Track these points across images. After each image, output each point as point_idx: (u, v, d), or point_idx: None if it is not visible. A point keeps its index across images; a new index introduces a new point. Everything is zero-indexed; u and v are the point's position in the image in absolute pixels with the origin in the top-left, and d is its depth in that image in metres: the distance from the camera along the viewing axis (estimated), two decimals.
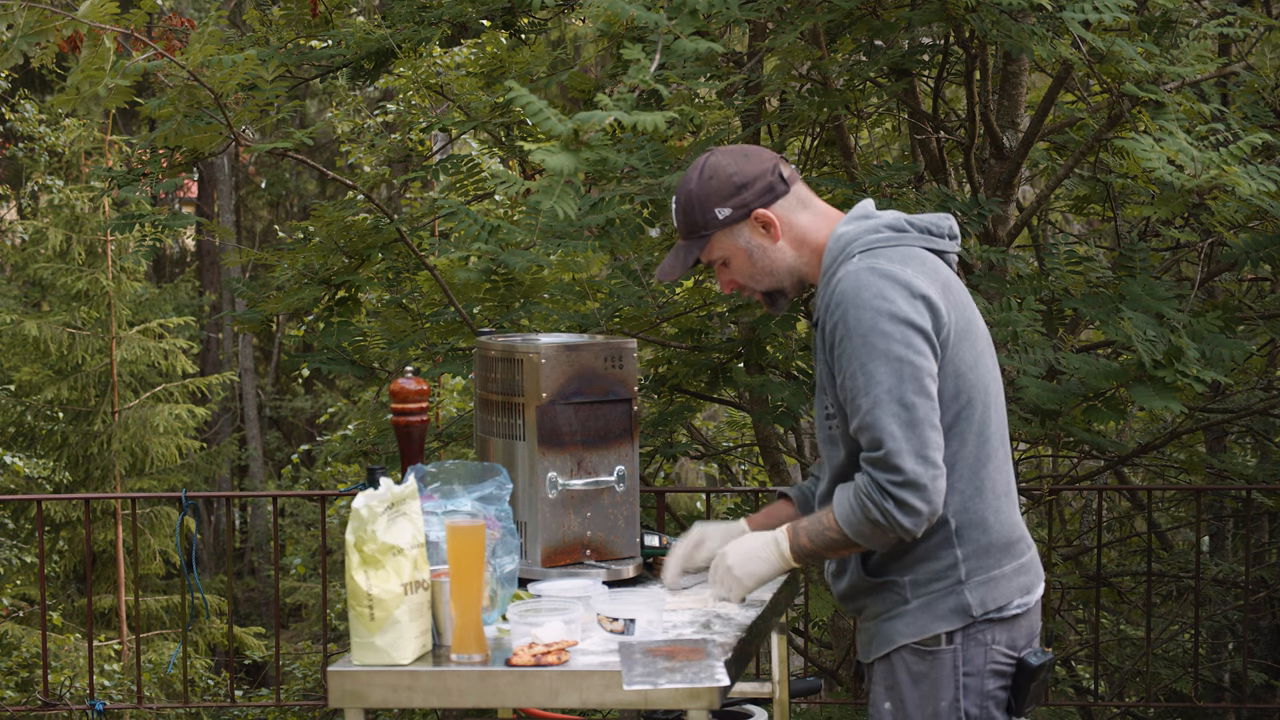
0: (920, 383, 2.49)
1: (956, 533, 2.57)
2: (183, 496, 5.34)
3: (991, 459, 2.61)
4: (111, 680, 11.39)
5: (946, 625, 2.57)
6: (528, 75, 5.67)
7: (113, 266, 13.54)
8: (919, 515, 2.49)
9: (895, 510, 2.48)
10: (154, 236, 4.95)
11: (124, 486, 13.49)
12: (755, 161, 2.66)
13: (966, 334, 2.59)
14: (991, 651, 2.58)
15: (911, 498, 2.47)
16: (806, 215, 2.68)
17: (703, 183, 2.65)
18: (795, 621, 6.54)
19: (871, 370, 2.49)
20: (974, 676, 2.58)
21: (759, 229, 2.65)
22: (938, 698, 2.57)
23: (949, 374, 2.55)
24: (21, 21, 3.86)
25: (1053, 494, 6.54)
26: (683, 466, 12.33)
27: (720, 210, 2.64)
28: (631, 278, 5.38)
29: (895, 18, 4.92)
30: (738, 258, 2.68)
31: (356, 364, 5.54)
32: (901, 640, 2.59)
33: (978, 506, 2.58)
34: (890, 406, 2.47)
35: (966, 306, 2.62)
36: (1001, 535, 2.61)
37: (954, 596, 2.57)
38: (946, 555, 2.57)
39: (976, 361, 2.59)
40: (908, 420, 2.47)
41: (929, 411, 2.49)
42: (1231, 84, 5.14)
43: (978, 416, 2.58)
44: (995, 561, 2.59)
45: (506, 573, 2.69)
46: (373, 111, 13.43)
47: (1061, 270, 4.91)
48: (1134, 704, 7.07)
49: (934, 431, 2.49)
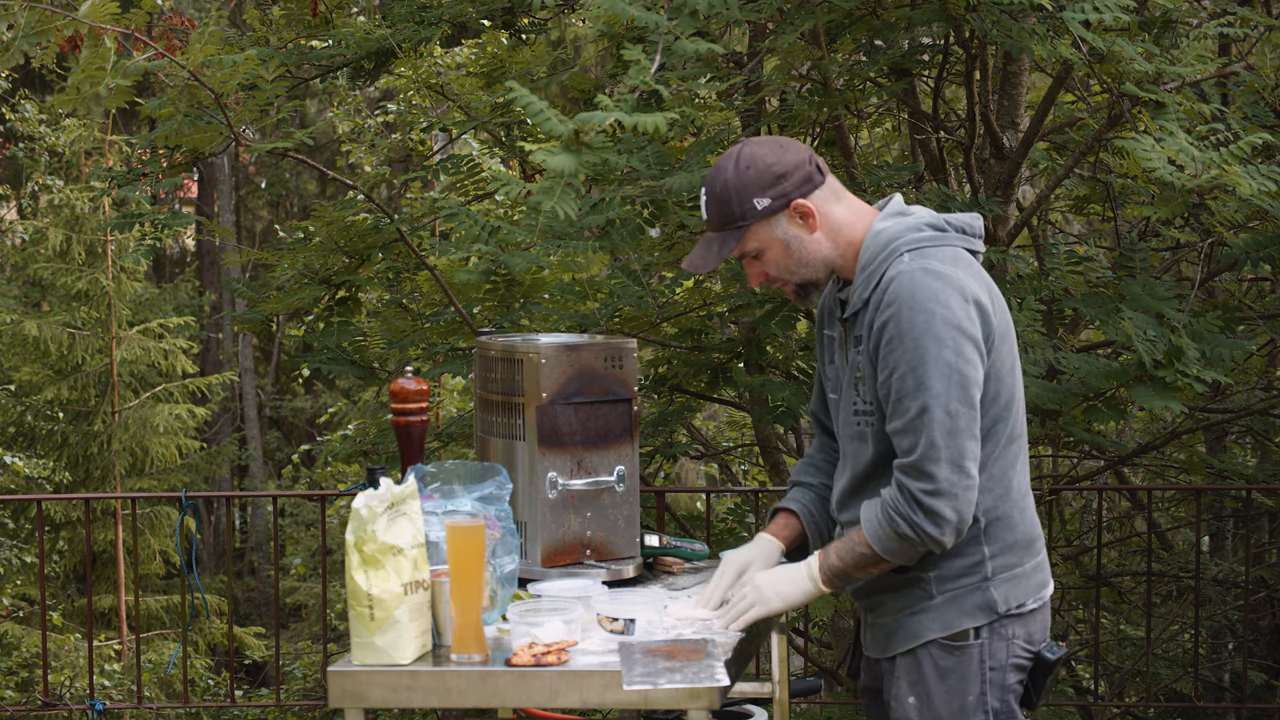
0: (967, 391, 2.49)
1: (985, 531, 2.59)
2: (183, 496, 5.34)
3: (1018, 459, 2.63)
4: (111, 680, 11.39)
5: (973, 621, 2.58)
6: (528, 75, 5.66)
7: (113, 266, 13.54)
8: (948, 525, 2.50)
9: (925, 521, 2.49)
10: (154, 236, 4.95)
11: (124, 486, 13.49)
12: (792, 152, 2.63)
13: (1006, 336, 2.61)
14: (1013, 646, 2.61)
15: (943, 506, 2.48)
16: (841, 207, 2.66)
17: (740, 172, 2.61)
18: (795, 621, 6.54)
19: (922, 375, 2.48)
20: (998, 671, 2.60)
21: (797, 220, 2.63)
22: (965, 692, 2.59)
23: (992, 376, 2.56)
24: (22, 21, 3.86)
25: (1053, 494, 6.54)
26: (683, 466, 12.32)
27: (759, 200, 2.61)
28: (631, 278, 5.37)
29: (895, 18, 4.92)
30: (774, 249, 2.65)
31: (356, 364, 5.54)
32: (929, 635, 2.60)
33: (1005, 506, 2.60)
34: (936, 413, 2.48)
35: (1005, 309, 2.63)
36: (1025, 533, 2.63)
37: (980, 593, 2.58)
38: (974, 552, 2.59)
39: (1013, 366, 2.62)
40: (950, 429, 2.48)
41: (970, 421, 2.50)
42: (1231, 84, 5.14)
43: (1011, 419, 2.60)
44: (1018, 559, 2.61)
45: (506, 573, 2.69)
46: (373, 111, 13.43)
47: (1061, 270, 4.91)
48: (1134, 704, 7.07)
49: (972, 441, 2.50)
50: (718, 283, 6.49)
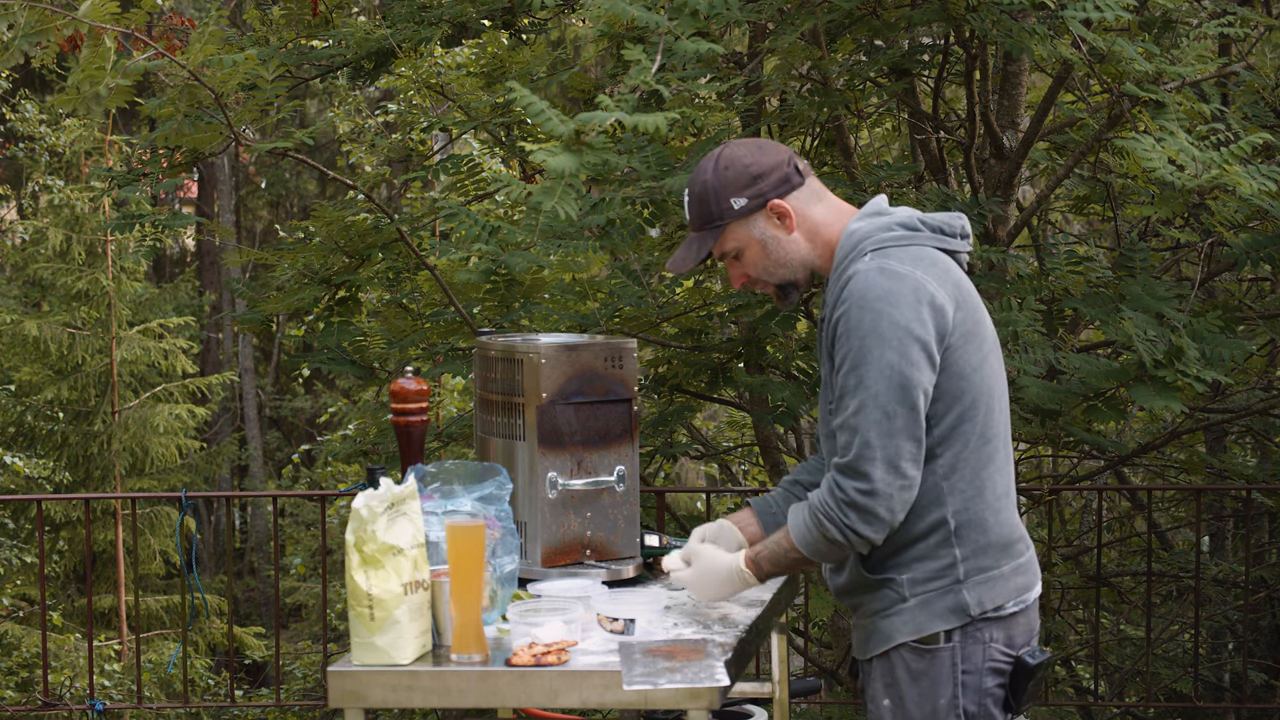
0: (908, 393, 2.49)
1: (956, 533, 2.57)
2: (183, 496, 5.34)
3: (993, 460, 2.61)
4: (111, 680, 11.39)
5: (944, 624, 2.57)
6: (528, 75, 5.67)
7: (113, 266, 13.54)
8: (881, 524, 2.52)
9: (858, 521, 2.51)
10: (154, 236, 4.96)
11: (124, 486, 13.49)
12: (771, 153, 2.66)
13: (974, 335, 2.59)
14: (990, 650, 2.59)
15: (876, 505, 2.50)
16: (820, 208, 2.68)
17: (718, 173, 2.65)
18: (795, 621, 6.54)
19: (862, 374, 2.49)
20: (972, 674, 2.58)
21: (774, 220, 2.65)
22: (936, 695, 2.58)
23: (953, 375, 2.55)
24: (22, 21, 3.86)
25: (1053, 494, 6.54)
26: (683, 466, 12.33)
27: (736, 200, 2.63)
28: (632, 278, 5.37)
29: (895, 18, 4.92)
30: (752, 249, 2.67)
31: (356, 364, 5.54)
32: (900, 638, 2.60)
33: (978, 507, 2.59)
34: (873, 413, 2.48)
35: (976, 308, 2.62)
36: (1001, 536, 2.61)
37: (952, 595, 2.57)
38: (945, 555, 2.58)
39: (982, 363, 2.59)
40: (887, 429, 2.48)
41: (910, 423, 2.50)
42: (1231, 84, 5.14)
43: (980, 418, 2.58)
44: (994, 561, 2.60)
45: (506, 573, 2.69)
46: (373, 111, 13.43)
47: (1061, 270, 4.91)
48: (1134, 704, 7.07)
49: (910, 442, 2.50)
50: (718, 283, 6.50)
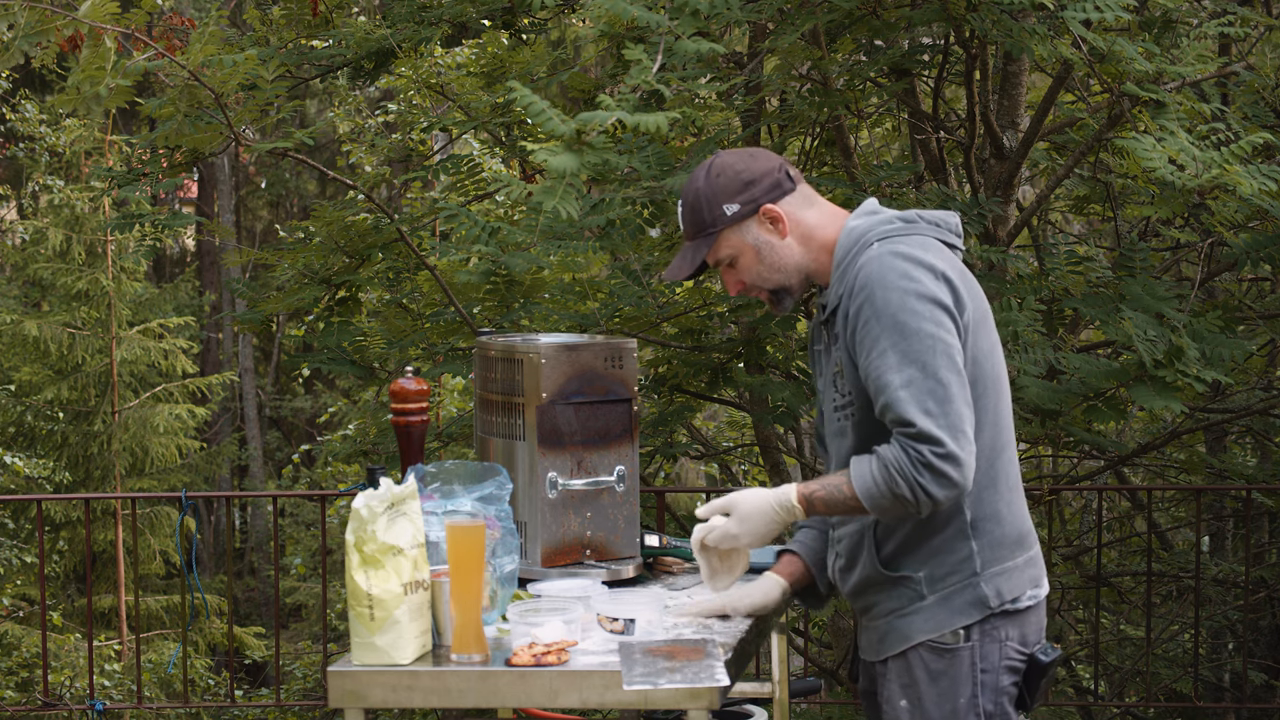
0: (951, 359, 2.49)
1: (972, 525, 2.58)
2: (183, 496, 5.34)
3: (1005, 450, 2.62)
4: (111, 680, 11.40)
5: (965, 619, 2.57)
6: (528, 75, 5.67)
7: (113, 266, 13.53)
8: (954, 489, 2.47)
9: (931, 483, 2.45)
10: (154, 236, 4.97)
11: (124, 486, 13.49)
12: (762, 160, 2.69)
13: (983, 323, 2.61)
14: (1006, 648, 2.60)
15: (951, 470, 2.45)
16: (813, 213, 2.69)
17: (710, 181, 2.67)
18: (795, 621, 6.55)
19: (904, 348, 2.48)
20: (990, 673, 2.59)
21: (767, 225, 2.67)
22: (956, 695, 2.58)
23: (968, 360, 2.55)
24: (22, 21, 3.86)
25: (1053, 494, 6.54)
26: (683, 466, 12.32)
27: (728, 207, 2.65)
28: (632, 278, 5.37)
29: (895, 18, 4.92)
30: (745, 255, 2.68)
31: (356, 364, 5.54)
32: (919, 637, 2.59)
33: (991, 498, 2.59)
34: (925, 383, 2.47)
35: (980, 297, 2.63)
36: (1014, 528, 2.62)
37: (971, 589, 2.58)
38: (962, 548, 2.58)
39: (992, 350, 2.61)
40: (942, 396, 2.46)
41: (961, 388, 2.49)
42: (1231, 84, 5.14)
43: (993, 406, 2.59)
44: (1009, 553, 2.61)
45: (506, 573, 2.69)
46: (373, 111, 13.42)
47: (1061, 270, 4.91)
48: (1134, 704, 7.07)
49: (967, 408, 2.49)
50: (718, 283, 6.49)
